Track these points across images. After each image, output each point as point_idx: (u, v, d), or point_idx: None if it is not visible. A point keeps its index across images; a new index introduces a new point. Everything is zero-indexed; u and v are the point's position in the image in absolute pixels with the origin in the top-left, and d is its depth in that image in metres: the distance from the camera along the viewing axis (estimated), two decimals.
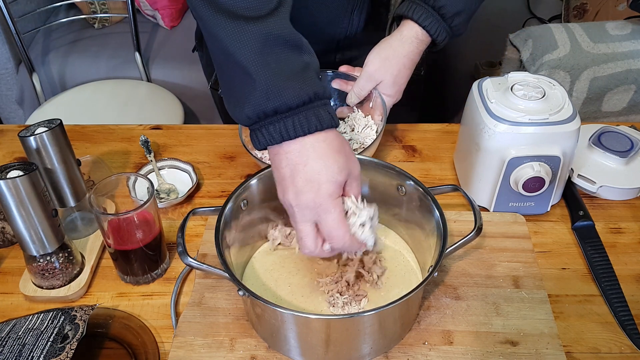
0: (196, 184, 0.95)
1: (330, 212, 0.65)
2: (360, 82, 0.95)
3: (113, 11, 2.16)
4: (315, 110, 0.65)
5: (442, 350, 0.70)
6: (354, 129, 0.97)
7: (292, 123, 0.64)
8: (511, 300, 0.76)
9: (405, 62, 0.92)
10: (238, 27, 0.64)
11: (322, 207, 0.65)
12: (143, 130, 1.11)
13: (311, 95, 0.64)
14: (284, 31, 0.66)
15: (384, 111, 0.93)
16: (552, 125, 0.81)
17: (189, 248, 0.85)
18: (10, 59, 2.06)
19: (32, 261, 0.77)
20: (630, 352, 0.71)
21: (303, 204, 0.65)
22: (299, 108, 0.64)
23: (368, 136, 0.95)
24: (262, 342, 0.72)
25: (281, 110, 0.64)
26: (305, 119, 0.64)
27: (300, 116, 0.64)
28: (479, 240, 0.83)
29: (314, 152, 0.65)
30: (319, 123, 0.64)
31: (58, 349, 0.68)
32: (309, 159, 0.64)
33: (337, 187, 0.65)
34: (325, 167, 0.64)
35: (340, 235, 0.66)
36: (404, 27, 0.92)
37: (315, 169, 0.64)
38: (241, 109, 0.66)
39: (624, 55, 1.40)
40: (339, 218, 0.66)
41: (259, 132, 0.66)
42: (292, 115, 0.64)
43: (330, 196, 0.65)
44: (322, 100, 0.66)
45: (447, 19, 0.89)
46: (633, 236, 0.87)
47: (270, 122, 0.64)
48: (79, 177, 0.84)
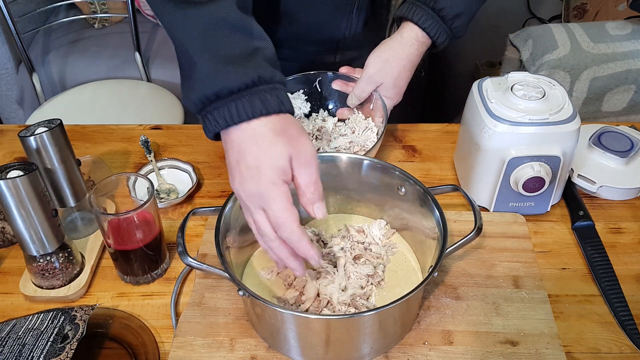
0: (196, 184, 0.95)
1: (274, 200, 0.61)
2: (360, 84, 0.95)
3: (113, 11, 2.16)
4: (260, 94, 0.62)
5: (442, 350, 0.70)
6: (355, 131, 0.97)
7: (235, 107, 0.62)
8: (511, 300, 0.76)
9: (405, 64, 0.92)
10: (182, 13, 0.65)
11: (265, 194, 0.62)
12: (143, 130, 1.11)
13: (254, 79, 0.62)
14: (229, 15, 0.65)
15: (385, 113, 0.93)
16: (552, 125, 0.81)
17: (189, 248, 0.85)
18: (10, 59, 2.06)
19: (32, 261, 0.77)
20: (630, 352, 0.71)
21: (247, 192, 0.63)
22: (241, 92, 0.62)
23: (369, 139, 0.95)
24: (262, 342, 0.72)
25: (223, 95, 0.62)
26: (249, 103, 0.62)
27: (243, 100, 0.62)
28: (479, 240, 0.83)
29: (254, 138, 0.62)
30: (264, 107, 0.62)
31: (58, 349, 0.68)
32: (251, 144, 0.62)
33: (279, 172, 0.62)
34: (264, 153, 0.62)
35: (288, 222, 0.62)
36: (404, 29, 0.92)
37: (256, 154, 0.62)
38: (187, 95, 0.66)
39: (624, 55, 1.40)
40: (285, 206, 0.62)
41: (206, 119, 0.64)
42: (235, 100, 0.62)
43: (273, 183, 0.61)
44: (269, 84, 0.64)
45: (447, 21, 0.89)
46: (633, 236, 0.87)
47: (215, 108, 0.63)
48: (79, 177, 0.84)
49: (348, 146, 0.95)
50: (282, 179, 0.62)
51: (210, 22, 0.64)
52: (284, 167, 0.62)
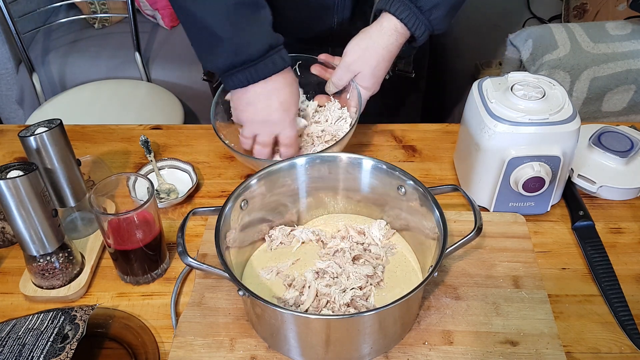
0: (196, 184, 0.95)
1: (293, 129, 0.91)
2: (338, 72, 0.94)
3: (113, 11, 2.16)
4: (271, 58, 0.85)
5: (442, 350, 0.70)
6: (328, 119, 0.97)
7: (255, 70, 0.85)
8: (511, 300, 0.76)
9: (384, 54, 0.92)
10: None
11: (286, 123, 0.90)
12: (143, 130, 1.11)
13: (267, 47, 0.84)
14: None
15: (359, 104, 0.92)
16: (552, 125, 0.81)
17: (189, 248, 0.85)
18: (10, 59, 2.06)
19: (32, 261, 0.77)
20: (630, 352, 0.71)
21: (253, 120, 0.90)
22: (259, 58, 0.84)
23: (341, 129, 0.95)
24: (262, 342, 0.72)
25: (247, 62, 0.84)
26: (265, 65, 0.85)
27: (260, 65, 0.85)
28: (479, 240, 0.83)
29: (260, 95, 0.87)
30: (274, 67, 0.86)
31: (58, 349, 0.68)
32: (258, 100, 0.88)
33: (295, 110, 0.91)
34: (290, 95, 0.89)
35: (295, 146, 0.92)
36: (383, 19, 0.91)
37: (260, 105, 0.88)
38: (213, 63, 0.87)
39: (624, 55, 1.40)
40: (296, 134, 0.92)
41: (229, 79, 0.86)
42: (254, 65, 0.84)
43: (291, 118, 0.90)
44: (275, 48, 0.86)
45: (425, 12, 0.89)
46: (633, 236, 0.87)
47: (238, 71, 0.85)
48: (79, 177, 0.84)
49: (320, 134, 0.96)
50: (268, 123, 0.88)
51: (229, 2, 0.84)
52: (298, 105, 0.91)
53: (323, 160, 0.81)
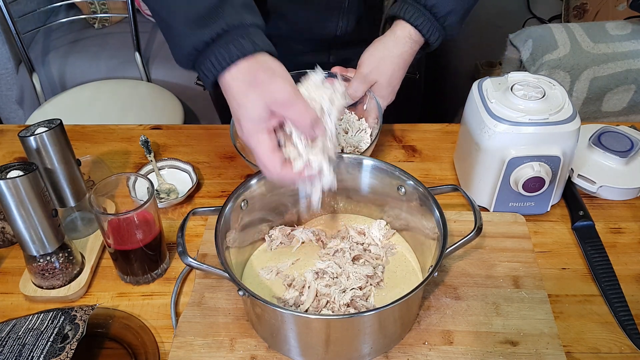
0: (196, 184, 0.95)
1: (255, 147, 0.67)
2: (354, 83, 0.94)
3: (113, 11, 2.16)
4: (233, 40, 0.66)
5: (442, 350, 0.70)
6: (348, 132, 0.96)
7: (215, 57, 0.66)
8: (511, 300, 0.76)
9: (399, 62, 0.92)
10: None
11: (248, 143, 0.68)
12: (143, 130, 1.11)
13: (224, 26, 0.66)
14: None
15: (379, 114, 0.92)
16: (552, 125, 0.81)
17: (189, 248, 0.85)
18: (10, 59, 2.06)
19: (32, 261, 0.77)
20: (630, 352, 0.71)
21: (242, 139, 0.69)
22: (215, 42, 0.66)
23: (362, 140, 0.95)
24: (262, 342, 0.72)
25: (200, 48, 0.67)
26: (225, 49, 0.65)
27: (220, 50, 0.66)
28: (479, 240, 0.83)
29: (229, 92, 0.67)
30: (238, 51, 0.65)
31: (58, 349, 0.68)
32: (229, 98, 0.68)
33: (255, 123, 0.66)
34: (238, 106, 0.67)
35: (269, 168, 0.67)
36: (396, 28, 0.91)
37: (234, 108, 0.68)
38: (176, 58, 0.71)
39: (624, 55, 1.40)
40: (264, 153, 0.67)
41: (200, 72, 0.69)
42: (213, 50, 0.66)
43: (250, 133, 0.67)
44: (240, 29, 0.66)
45: (440, 19, 0.89)
46: (633, 236, 0.87)
47: (201, 62, 0.68)
48: (79, 177, 0.84)
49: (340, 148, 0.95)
50: (263, 126, 0.67)
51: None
52: (260, 117, 0.66)
53: None
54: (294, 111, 0.66)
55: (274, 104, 0.65)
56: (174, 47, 0.71)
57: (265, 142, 0.67)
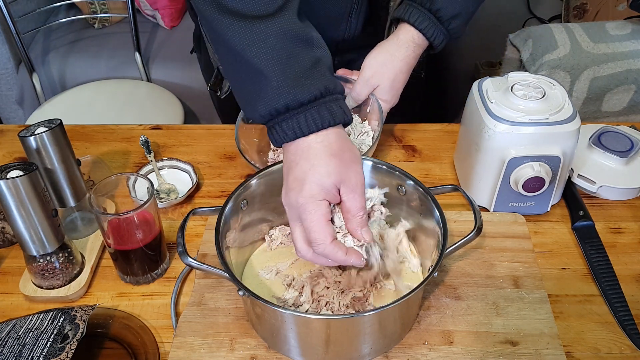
0: (196, 184, 0.95)
1: (310, 213, 0.63)
2: (357, 87, 0.94)
3: (113, 11, 2.16)
4: (327, 104, 0.64)
5: (442, 350, 0.70)
6: (350, 134, 0.97)
7: (304, 119, 0.64)
8: (511, 300, 0.76)
9: (401, 66, 0.92)
10: (247, 27, 0.64)
11: (303, 207, 0.63)
12: (143, 130, 1.11)
13: (322, 90, 0.64)
14: (294, 26, 0.65)
15: (381, 117, 0.93)
16: (552, 125, 0.81)
17: (189, 248, 0.85)
18: (10, 59, 2.06)
19: (32, 261, 0.77)
20: (630, 352, 0.71)
21: (289, 202, 0.65)
22: (310, 104, 0.64)
23: (364, 143, 0.95)
24: (262, 342, 0.72)
25: (292, 107, 0.64)
26: (318, 113, 0.64)
27: (312, 111, 0.64)
28: (479, 240, 0.83)
29: (307, 152, 0.64)
30: (331, 118, 0.64)
31: (58, 349, 0.68)
32: (302, 158, 0.64)
33: (322, 190, 0.63)
34: (312, 167, 0.63)
35: (319, 238, 0.63)
36: (400, 31, 0.92)
37: (304, 168, 0.64)
38: (254, 108, 0.66)
39: (624, 55, 1.40)
40: (319, 221, 0.63)
41: (274, 129, 0.66)
42: (304, 111, 0.64)
43: (312, 197, 0.63)
44: (333, 95, 0.65)
45: (444, 22, 0.89)
46: (633, 236, 0.87)
47: (283, 119, 0.65)
48: (79, 177, 0.84)
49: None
50: (323, 196, 0.63)
51: (279, 35, 0.64)
52: (329, 187, 0.63)
53: None
54: (358, 198, 0.65)
55: (344, 183, 0.64)
56: (256, 98, 0.66)
57: (324, 211, 0.64)
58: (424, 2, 0.88)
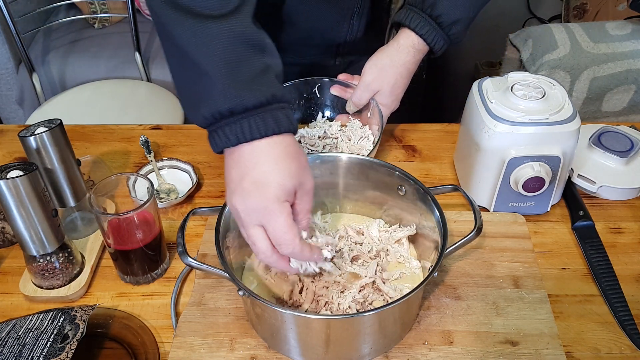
0: (196, 184, 0.95)
1: (277, 215, 0.62)
2: (357, 92, 0.95)
3: (113, 11, 2.16)
4: (273, 112, 0.63)
5: (442, 350, 0.70)
6: (351, 139, 0.97)
7: (248, 124, 0.62)
8: (511, 300, 0.76)
9: (402, 71, 0.93)
10: (198, 26, 0.63)
11: (268, 209, 0.62)
12: (143, 130, 1.11)
13: (269, 97, 0.63)
14: (247, 30, 0.64)
15: (381, 122, 0.93)
16: (552, 125, 0.81)
17: (189, 248, 0.85)
18: (10, 59, 2.06)
19: (32, 261, 0.77)
20: (630, 352, 0.71)
21: (249, 206, 0.63)
22: (255, 109, 0.62)
23: (364, 147, 0.95)
24: (262, 342, 0.72)
25: (237, 111, 0.62)
26: (262, 120, 0.62)
27: (257, 118, 0.62)
28: (479, 240, 0.83)
29: (266, 155, 0.62)
30: (276, 126, 0.62)
31: (58, 349, 0.68)
32: (260, 161, 0.62)
33: (285, 192, 0.62)
34: (275, 170, 0.62)
35: (288, 239, 0.62)
36: (401, 36, 0.92)
37: (265, 170, 0.62)
38: (197, 110, 0.64)
39: (624, 55, 1.40)
40: (286, 222, 0.62)
41: (215, 134, 0.64)
42: (248, 117, 0.62)
43: (278, 199, 0.62)
44: (280, 103, 0.64)
45: (445, 28, 0.89)
46: (633, 236, 0.87)
47: (227, 124, 0.62)
48: (79, 177, 0.84)
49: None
50: (286, 198, 0.63)
51: (230, 38, 0.63)
52: (290, 189, 0.63)
53: (323, 161, 0.81)
54: (308, 201, 0.65)
55: (301, 187, 0.64)
56: (199, 100, 0.64)
57: (289, 211, 0.63)
58: (425, 7, 0.89)
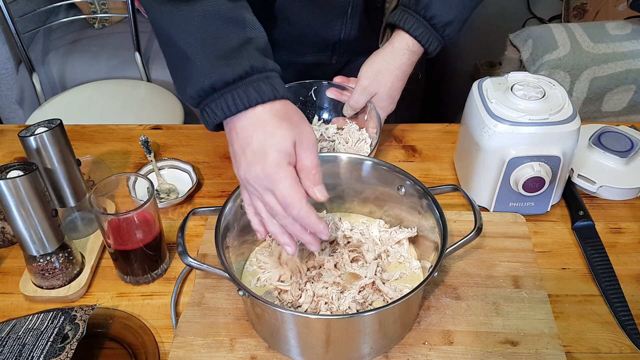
0: (196, 184, 0.95)
1: (282, 180, 0.64)
2: (354, 95, 0.95)
3: (113, 11, 2.16)
4: (254, 84, 0.64)
5: (442, 350, 0.70)
6: (348, 142, 0.97)
7: (231, 98, 0.64)
8: (511, 300, 0.76)
9: (398, 74, 0.93)
10: (173, 10, 0.66)
11: (272, 176, 0.64)
12: (143, 130, 1.11)
13: (247, 69, 0.65)
14: (221, 8, 0.66)
15: (379, 125, 0.93)
16: (552, 125, 0.81)
17: (189, 248, 0.85)
18: (10, 59, 2.06)
19: (32, 261, 0.77)
20: (630, 352, 0.71)
21: (254, 175, 0.65)
22: (236, 83, 0.64)
23: (362, 150, 0.95)
24: (262, 342, 0.72)
25: (218, 87, 0.65)
26: (245, 92, 0.64)
27: (239, 91, 0.64)
28: (479, 240, 0.83)
29: (258, 124, 0.65)
30: (259, 95, 0.64)
31: (58, 349, 0.68)
32: (256, 130, 0.65)
33: (284, 155, 0.64)
34: (269, 136, 0.64)
35: (296, 200, 0.64)
36: (395, 39, 0.92)
37: (260, 139, 0.64)
38: (184, 90, 0.68)
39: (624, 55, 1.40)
40: (292, 184, 0.64)
41: (204, 112, 0.67)
42: (230, 91, 0.64)
43: (279, 165, 0.64)
44: (262, 73, 0.65)
45: (439, 29, 0.89)
46: (633, 236, 0.87)
47: (212, 100, 0.66)
48: (79, 177, 0.84)
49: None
50: (287, 161, 0.64)
51: (204, 17, 0.66)
52: (289, 150, 0.64)
53: (323, 161, 0.80)
54: (311, 156, 0.66)
55: (300, 143, 0.65)
56: (185, 81, 0.67)
57: (293, 174, 0.64)
58: (418, 9, 0.89)
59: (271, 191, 0.65)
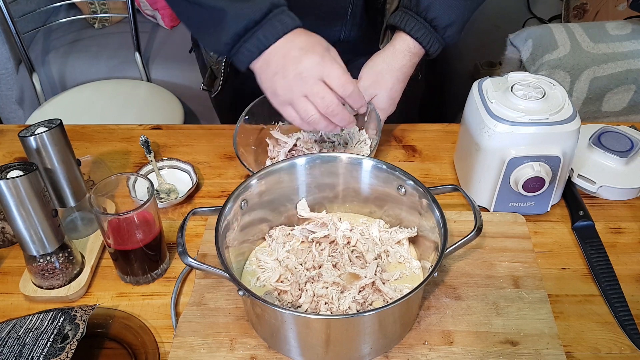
0: (196, 184, 0.95)
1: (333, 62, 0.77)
2: None
3: (113, 11, 2.16)
4: (277, 17, 0.77)
5: (442, 350, 0.70)
6: (348, 143, 0.97)
7: (262, 34, 0.77)
8: (511, 300, 0.76)
9: (398, 75, 0.93)
10: None
11: (325, 60, 0.76)
12: (143, 130, 1.11)
13: (269, 6, 0.77)
14: None
15: (379, 126, 0.93)
16: (552, 125, 0.81)
17: (189, 248, 0.85)
18: (10, 59, 2.06)
19: (32, 261, 0.77)
20: (630, 352, 0.71)
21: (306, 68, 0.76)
22: (263, 20, 0.77)
23: (361, 151, 0.95)
24: (262, 342, 0.72)
25: (250, 26, 0.77)
26: (271, 27, 0.77)
27: (267, 26, 0.77)
28: (479, 240, 0.83)
29: (289, 49, 0.77)
30: (283, 27, 0.77)
31: (58, 349, 0.68)
32: (291, 48, 0.77)
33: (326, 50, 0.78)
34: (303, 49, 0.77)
35: (349, 79, 0.78)
36: (396, 40, 0.92)
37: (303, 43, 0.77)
38: (218, 40, 0.79)
39: (624, 55, 1.40)
40: (342, 67, 0.78)
41: (239, 53, 0.79)
42: (260, 27, 0.77)
43: (323, 59, 0.76)
44: (279, 7, 0.78)
45: (440, 31, 0.90)
46: (633, 236, 0.87)
47: (245, 40, 0.77)
48: (79, 177, 0.84)
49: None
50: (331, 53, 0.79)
51: None
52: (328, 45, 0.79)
53: (323, 160, 0.81)
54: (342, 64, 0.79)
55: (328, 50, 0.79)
56: (220, 31, 0.78)
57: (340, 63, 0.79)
58: (419, 10, 0.89)
59: (323, 79, 0.77)
